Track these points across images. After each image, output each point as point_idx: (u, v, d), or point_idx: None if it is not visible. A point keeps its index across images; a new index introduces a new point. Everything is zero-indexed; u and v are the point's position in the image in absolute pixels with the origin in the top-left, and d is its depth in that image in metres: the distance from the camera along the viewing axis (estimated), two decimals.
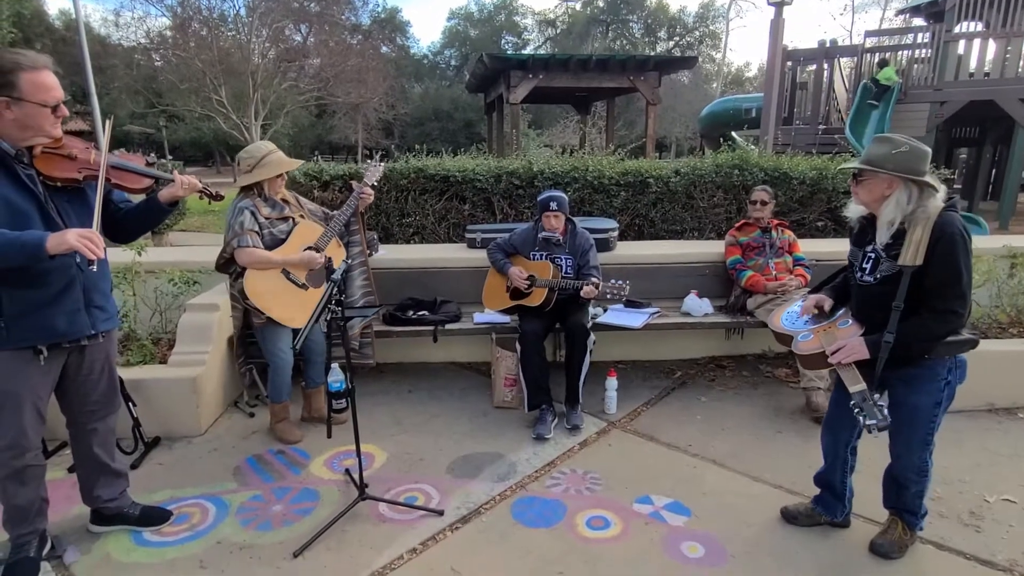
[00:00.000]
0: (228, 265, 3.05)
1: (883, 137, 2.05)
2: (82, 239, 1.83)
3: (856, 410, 2.00)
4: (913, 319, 2.00)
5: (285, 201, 3.14)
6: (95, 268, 1.88)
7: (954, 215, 1.98)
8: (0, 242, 1.80)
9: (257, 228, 2.97)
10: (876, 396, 2.00)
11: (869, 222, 2.15)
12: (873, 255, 2.10)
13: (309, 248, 3.08)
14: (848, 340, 2.09)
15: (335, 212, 3.30)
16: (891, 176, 1.99)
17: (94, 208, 1.99)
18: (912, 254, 1.95)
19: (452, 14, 39.77)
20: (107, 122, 2.13)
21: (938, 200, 1.99)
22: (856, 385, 2.03)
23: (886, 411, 1.97)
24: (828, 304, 2.32)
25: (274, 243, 3.02)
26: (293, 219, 3.11)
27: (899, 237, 2.02)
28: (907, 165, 1.97)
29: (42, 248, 1.82)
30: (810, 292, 2.47)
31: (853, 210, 2.22)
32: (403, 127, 29.25)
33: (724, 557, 2.32)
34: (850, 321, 2.21)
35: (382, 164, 3.53)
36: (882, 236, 2.05)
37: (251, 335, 3.23)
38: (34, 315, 1.98)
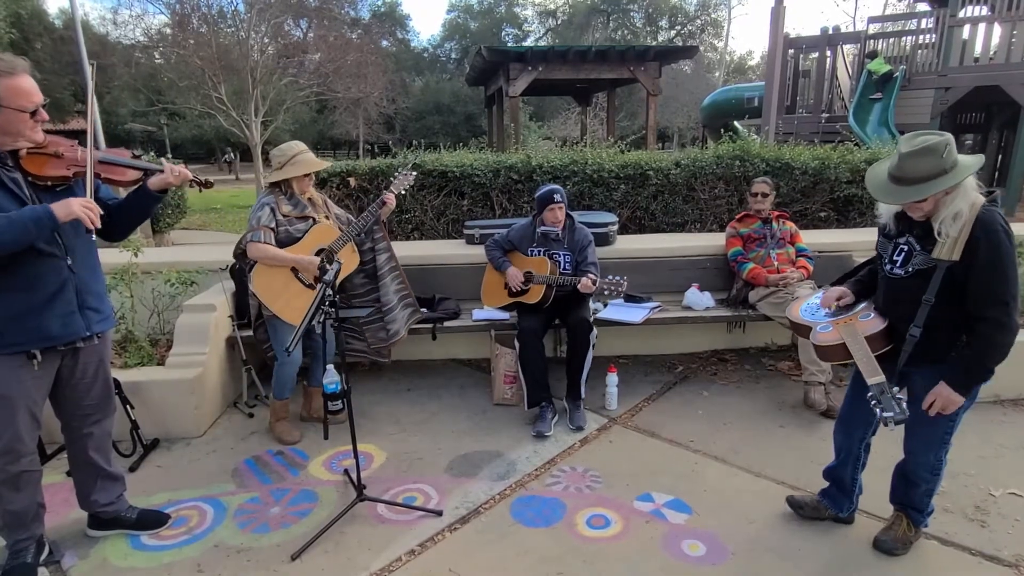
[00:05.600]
0: (244, 256, 3.09)
1: (921, 149, 1.87)
2: (84, 208, 1.92)
3: (873, 402, 1.92)
4: (975, 342, 1.92)
5: (311, 201, 3.15)
6: (92, 236, 2.00)
7: (995, 211, 1.90)
8: (15, 221, 1.84)
9: (273, 225, 2.99)
10: (895, 389, 1.93)
11: (902, 214, 2.05)
12: (906, 247, 2.02)
13: (322, 250, 3.08)
14: (938, 390, 1.98)
15: (357, 219, 3.27)
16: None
17: None
18: (949, 249, 1.88)
19: (452, 6, 39.41)
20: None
21: (975, 191, 1.90)
22: (875, 377, 1.95)
23: (904, 404, 1.90)
24: (848, 299, 2.26)
25: (289, 240, 3.03)
26: (314, 219, 3.11)
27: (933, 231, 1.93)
28: (958, 163, 1.88)
29: (55, 219, 1.90)
30: (832, 284, 2.40)
31: (886, 209, 2.10)
32: (404, 121, 29.10)
33: (725, 555, 2.30)
34: (872, 314, 2.16)
35: (413, 173, 3.43)
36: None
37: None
38: (27, 319, 1.97)
